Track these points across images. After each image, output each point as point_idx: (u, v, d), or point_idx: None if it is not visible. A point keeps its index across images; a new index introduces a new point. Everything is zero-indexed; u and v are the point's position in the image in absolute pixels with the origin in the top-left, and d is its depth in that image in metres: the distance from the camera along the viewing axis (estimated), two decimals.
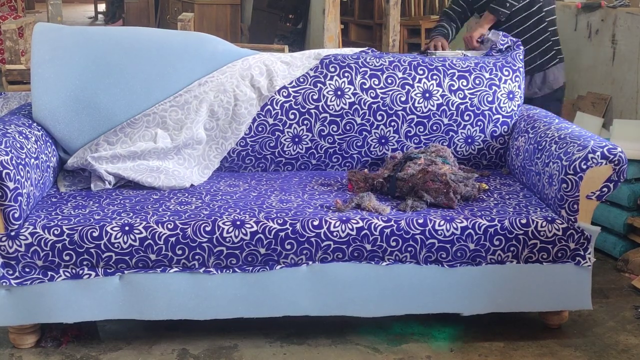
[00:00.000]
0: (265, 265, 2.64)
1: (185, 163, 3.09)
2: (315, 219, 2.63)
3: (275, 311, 2.70)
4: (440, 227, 2.65)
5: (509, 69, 3.34)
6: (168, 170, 3.02)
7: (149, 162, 3.03)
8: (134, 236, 2.57)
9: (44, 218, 2.60)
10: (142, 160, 3.02)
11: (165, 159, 3.06)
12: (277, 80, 3.18)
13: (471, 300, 2.74)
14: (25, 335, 2.70)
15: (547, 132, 2.98)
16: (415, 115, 3.24)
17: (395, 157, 3.11)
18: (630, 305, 3.11)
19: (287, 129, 3.21)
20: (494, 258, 2.69)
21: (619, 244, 3.54)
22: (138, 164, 3.00)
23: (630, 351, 2.74)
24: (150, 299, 2.63)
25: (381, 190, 2.92)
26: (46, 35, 3.09)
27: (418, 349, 2.74)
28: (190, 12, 7.65)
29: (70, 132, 3.00)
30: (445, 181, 2.79)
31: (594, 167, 2.68)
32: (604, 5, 4.08)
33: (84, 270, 2.59)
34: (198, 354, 2.69)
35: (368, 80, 3.25)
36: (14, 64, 5.44)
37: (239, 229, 2.59)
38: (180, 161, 3.09)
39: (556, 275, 2.73)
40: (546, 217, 2.72)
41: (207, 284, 2.64)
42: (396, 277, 2.68)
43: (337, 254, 2.64)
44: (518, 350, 2.74)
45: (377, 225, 2.63)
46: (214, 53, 3.22)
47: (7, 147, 2.57)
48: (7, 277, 2.56)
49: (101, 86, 3.03)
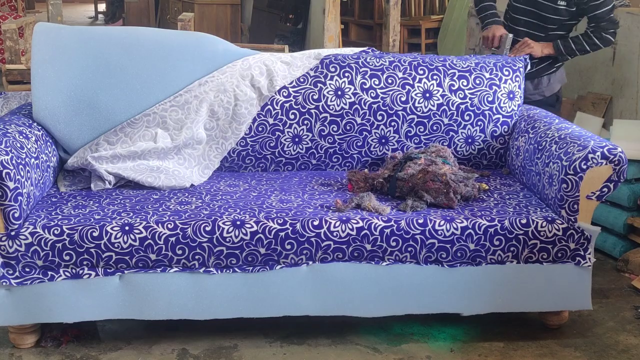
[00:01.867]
0: (266, 265, 2.64)
1: (185, 163, 3.09)
2: (316, 219, 2.63)
3: (276, 311, 2.70)
4: (441, 227, 2.65)
5: (509, 69, 3.34)
6: (168, 170, 3.02)
7: (149, 161, 3.03)
8: (134, 236, 2.57)
9: (44, 218, 2.60)
10: (142, 160, 3.02)
11: (165, 159, 3.06)
12: (277, 80, 3.18)
13: (471, 300, 2.74)
14: (25, 335, 2.70)
15: (547, 132, 2.98)
16: (415, 115, 3.25)
17: (395, 157, 3.11)
18: (630, 305, 3.11)
19: (287, 129, 3.21)
20: (494, 258, 2.69)
21: (619, 244, 3.54)
22: (138, 163, 3.00)
23: (630, 351, 2.75)
24: (150, 299, 2.63)
25: (381, 191, 2.92)
26: (46, 35, 3.09)
27: (418, 349, 2.74)
28: (190, 12, 7.64)
29: (70, 132, 3.00)
30: (445, 181, 2.79)
31: (594, 167, 2.68)
32: None
33: (84, 270, 2.59)
34: (198, 354, 2.69)
35: (368, 80, 3.25)
36: (14, 64, 5.44)
37: (239, 228, 2.59)
38: (180, 161, 3.09)
39: (556, 276, 2.74)
40: (546, 217, 2.72)
41: (207, 284, 2.64)
42: (396, 277, 2.68)
43: (337, 254, 2.64)
44: (518, 351, 2.74)
45: (377, 226, 2.64)
46: (214, 53, 3.23)
47: (7, 146, 2.57)
48: (7, 276, 2.56)
49: (101, 86, 3.03)
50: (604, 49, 3.65)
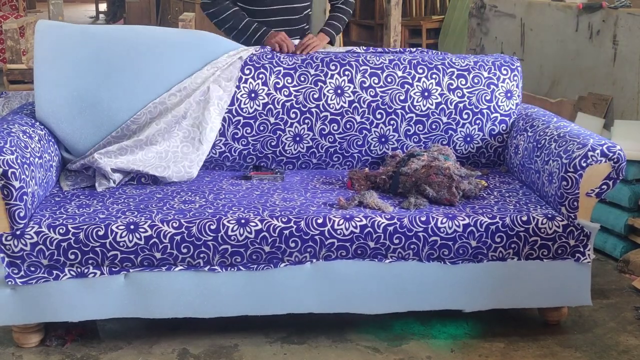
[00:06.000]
0: (270, 263, 2.66)
1: (190, 135, 3.09)
2: (319, 217, 2.65)
3: (279, 309, 2.72)
4: (443, 225, 2.67)
5: (507, 67, 3.36)
6: (177, 154, 3.02)
7: (156, 146, 3.02)
8: (139, 235, 2.58)
9: (48, 217, 2.62)
10: (149, 146, 3.01)
11: (170, 138, 3.06)
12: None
13: (473, 297, 2.76)
14: (30, 334, 2.71)
15: (546, 131, 3.00)
16: (414, 113, 3.26)
17: (396, 155, 3.13)
18: (630, 306, 3.11)
19: (288, 128, 3.22)
20: (495, 255, 2.71)
21: (619, 245, 3.54)
22: (145, 151, 2.99)
23: (631, 352, 2.75)
24: (155, 298, 2.65)
25: (383, 188, 2.94)
26: (48, 33, 3.09)
27: (418, 349, 2.75)
28: (191, 12, 7.66)
29: (73, 131, 3.00)
30: (448, 174, 2.81)
31: (594, 164, 2.70)
32: (605, 6, 4.09)
33: (89, 269, 2.60)
34: (198, 354, 2.69)
35: (368, 78, 3.26)
36: (15, 64, 5.45)
37: (243, 227, 2.61)
38: (185, 133, 3.08)
39: (556, 272, 2.76)
40: (546, 215, 2.74)
41: (212, 282, 2.65)
42: (399, 274, 2.70)
43: (341, 251, 2.66)
44: (518, 351, 2.74)
45: (380, 223, 2.65)
46: (216, 51, 3.23)
47: (12, 146, 2.58)
48: (13, 276, 2.58)
49: (104, 85, 3.03)
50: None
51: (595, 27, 4.15)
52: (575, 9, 4.30)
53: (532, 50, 4.66)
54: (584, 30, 4.23)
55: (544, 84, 4.56)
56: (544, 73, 4.56)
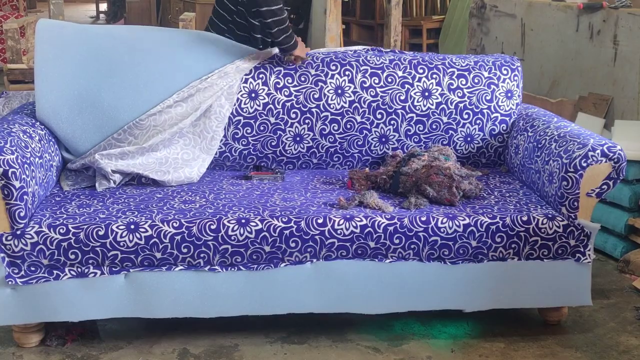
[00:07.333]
0: (270, 263, 2.66)
1: (192, 143, 3.10)
2: (320, 217, 2.65)
3: (280, 309, 2.72)
4: (443, 225, 2.67)
5: (507, 68, 3.36)
6: (177, 161, 3.03)
7: (157, 153, 3.03)
8: (140, 235, 2.58)
9: (49, 217, 2.62)
10: (150, 152, 3.02)
11: (171, 145, 3.07)
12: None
13: (473, 297, 2.76)
14: (30, 334, 2.71)
15: (546, 131, 3.00)
16: (414, 113, 3.26)
17: (396, 155, 3.13)
18: (631, 306, 3.11)
19: (288, 128, 3.22)
20: (495, 255, 2.71)
21: (619, 245, 3.54)
22: (146, 157, 3.00)
23: (631, 352, 2.75)
24: (155, 297, 2.65)
25: (383, 188, 2.94)
26: (49, 32, 3.09)
27: (418, 349, 2.75)
28: (191, 11, 7.65)
29: (73, 131, 3.00)
30: (449, 174, 2.81)
31: (594, 164, 2.71)
32: (606, 6, 4.08)
33: (90, 269, 2.61)
34: (199, 354, 2.70)
35: (368, 78, 3.26)
36: (15, 64, 5.45)
37: (244, 227, 2.61)
38: (186, 141, 3.09)
39: (556, 272, 2.76)
40: (547, 215, 2.74)
41: (212, 282, 2.66)
42: (399, 274, 2.70)
43: (341, 251, 2.66)
44: (519, 351, 2.75)
45: (380, 223, 2.66)
46: (217, 52, 3.23)
47: (12, 146, 2.59)
48: (13, 276, 2.58)
49: (105, 85, 3.03)
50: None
51: (595, 27, 4.15)
52: (576, 9, 4.29)
53: (533, 50, 4.66)
54: (585, 30, 4.23)
55: (544, 84, 4.56)
56: (544, 73, 4.56)
